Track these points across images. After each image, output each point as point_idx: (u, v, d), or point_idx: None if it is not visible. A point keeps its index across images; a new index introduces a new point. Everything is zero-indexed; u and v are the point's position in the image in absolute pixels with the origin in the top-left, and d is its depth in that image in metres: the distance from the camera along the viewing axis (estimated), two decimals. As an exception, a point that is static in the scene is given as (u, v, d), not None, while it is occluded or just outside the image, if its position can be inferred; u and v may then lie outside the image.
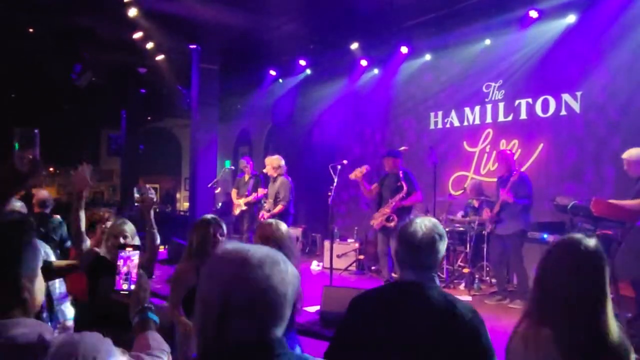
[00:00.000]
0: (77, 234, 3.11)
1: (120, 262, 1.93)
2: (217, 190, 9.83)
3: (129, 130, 14.34)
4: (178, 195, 18.33)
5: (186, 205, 15.34)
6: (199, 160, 10.43)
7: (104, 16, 8.74)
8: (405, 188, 6.86)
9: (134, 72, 11.62)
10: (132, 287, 1.88)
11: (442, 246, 2.09)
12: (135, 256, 1.95)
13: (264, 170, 7.59)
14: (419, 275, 2.06)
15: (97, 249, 3.26)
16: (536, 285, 1.85)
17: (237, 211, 8.20)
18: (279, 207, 7.26)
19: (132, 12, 8.58)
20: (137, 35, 9.40)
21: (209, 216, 3.35)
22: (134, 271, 1.93)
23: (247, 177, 8.44)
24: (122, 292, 1.90)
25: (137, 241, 3.28)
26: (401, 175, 6.92)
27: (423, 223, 2.08)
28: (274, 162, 7.52)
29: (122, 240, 3.20)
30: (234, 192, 8.53)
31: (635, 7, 6.85)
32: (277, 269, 1.26)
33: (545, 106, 7.99)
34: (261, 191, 7.98)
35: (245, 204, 8.11)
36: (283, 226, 2.94)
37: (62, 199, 13.52)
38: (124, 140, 14.40)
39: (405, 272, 2.09)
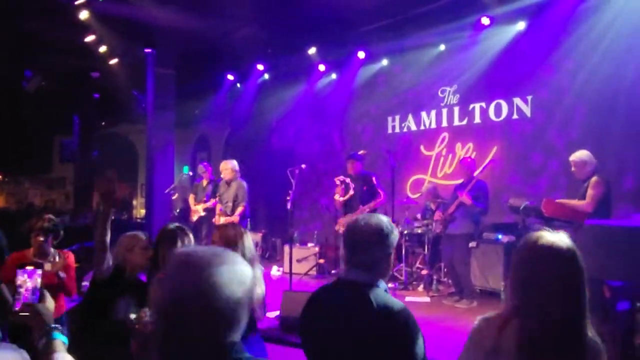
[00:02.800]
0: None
1: (20, 281, 1.78)
2: (175, 196, 9.67)
3: (82, 136, 13.95)
4: (134, 202, 17.94)
5: (143, 212, 15.02)
6: (155, 166, 10.24)
7: (55, 19, 8.48)
8: (381, 194, 6.89)
9: (87, 76, 11.33)
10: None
11: (384, 246, 2.05)
12: (36, 274, 1.81)
13: (222, 175, 7.49)
14: (359, 275, 2.04)
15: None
16: (518, 289, 1.76)
17: (194, 217, 8.11)
18: (240, 209, 7.23)
19: (84, 15, 8.35)
20: (90, 38, 9.17)
21: (172, 225, 3.22)
22: (36, 290, 1.79)
23: (205, 182, 8.34)
24: (22, 312, 1.72)
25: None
26: (374, 180, 6.95)
27: (365, 221, 2.07)
28: (229, 166, 7.48)
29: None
30: (191, 198, 8.43)
31: (580, 15, 7.09)
32: (225, 269, 1.23)
33: (498, 110, 8.17)
34: (213, 200, 7.91)
35: (204, 210, 8.02)
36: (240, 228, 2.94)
37: (11, 207, 13.03)
38: (77, 146, 14.00)
39: (347, 271, 2.08)
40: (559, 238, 1.78)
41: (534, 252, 1.77)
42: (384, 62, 9.74)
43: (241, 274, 1.25)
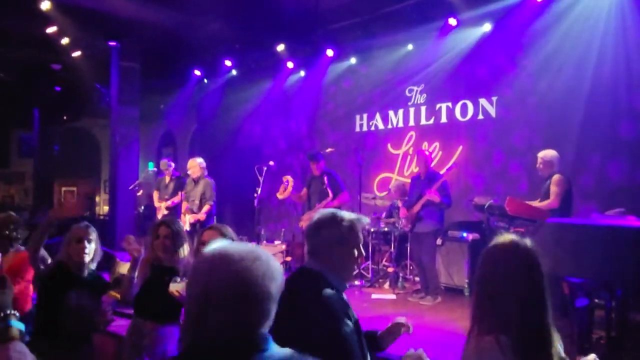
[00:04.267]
0: (32, 252, 3.40)
1: None
2: (139, 193, 9.51)
3: (42, 130, 13.60)
4: (97, 199, 17.58)
5: (106, 209, 14.76)
6: (119, 162, 10.09)
7: (15, 10, 8.23)
8: (330, 194, 6.94)
9: (48, 68, 11.04)
10: None
11: (334, 230, 2.11)
12: None
13: (189, 173, 7.40)
14: (310, 262, 2.13)
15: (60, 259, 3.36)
16: (483, 290, 1.82)
17: (160, 215, 8.02)
18: (207, 207, 7.14)
19: (45, 5, 8.12)
20: (51, 30, 8.93)
21: (82, 225, 3.46)
22: None
23: (167, 179, 8.28)
24: None
25: (97, 245, 3.43)
26: (326, 180, 6.99)
27: (321, 211, 2.19)
28: (196, 164, 7.41)
29: (86, 244, 3.33)
30: (155, 194, 8.35)
31: (544, 17, 7.23)
32: (258, 263, 1.29)
33: (464, 110, 8.26)
34: (176, 198, 7.86)
35: (167, 209, 7.95)
36: (229, 229, 3.13)
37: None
38: (36, 140, 13.64)
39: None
40: (513, 238, 1.85)
41: (492, 255, 1.84)
42: (353, 60, 9.77)
43: (274, 270, 1.32)
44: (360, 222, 2.19)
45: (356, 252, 2.16)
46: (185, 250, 3.39)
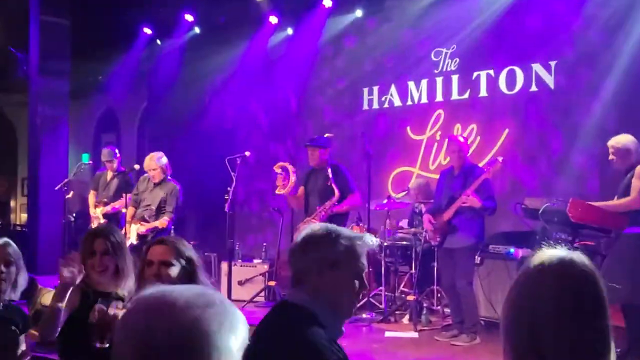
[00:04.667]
0: None
1: None
2: (70, 195, 9.46)
3: None
4: (12, 203, 17.53)
5: (24, 217, 14.69)
6: (42, 153, 10.15)
7: None
8: (337, 193, 6.97)
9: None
10: None
11: (321, 255, 2.20)
12: None
13: (151, 175, 7.46)
14: (294, 295, 2.23)
15: None
16: (518, 325, 1.72)
17: (94, 224, 8.01)
18: (164, 222, 7.29)
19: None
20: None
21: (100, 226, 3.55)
22: None
23: (109, 174, 8.25)
24: None
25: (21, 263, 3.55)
26: (330, 173, 7.01)
27: (311, 227, 2.30)
28: (158, 165, 7.45)
29: (3, 269, 3.44)
30: (91, 195, 8.36)
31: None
32: (212, 311, 1.28)
33: (510, 80, 8.24)
34: (119, 203, 7.91)
35: (105, 216, 8.00)
36: (185, 245, 3.19)
37: None
38: None
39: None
40: (562, 255, 1.74)
41: (533, 279, 1.75)
42: (358, 13, 9.77)
43: (234, 318, 1.32)
44: (364, 242, 2.27)
45: (357, 283, 2.20)
46: (129, 270, 3.38)
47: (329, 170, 7.04)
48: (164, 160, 7.50)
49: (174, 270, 3.02)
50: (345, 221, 7.03)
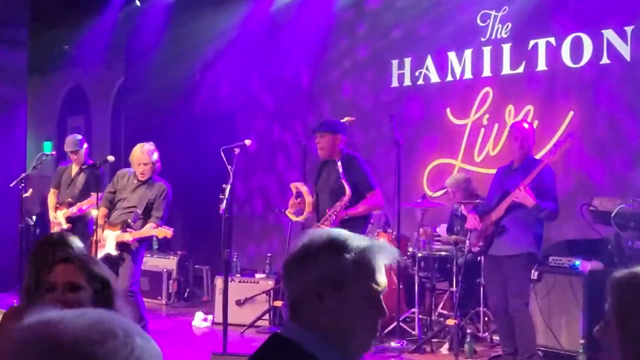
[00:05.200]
0: None
1: None
2: (28, 193, 9.45)
3: None
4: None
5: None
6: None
7: None
8: (347, 191, 6.88)
9: None
10: None
11: (322, 271, 2.07)
12: None
13: (139, 170, 7.44)
14: (287, 326, 2.17)
15: None
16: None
17: (55, 230, 8.03)
18: (152, 229, 7.35)
19: None
20: None
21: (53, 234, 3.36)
22: None
23: (74, 168, 8.29)
24: None
25: None
26: (340, 166, 6.96)
27: (309, 234, 2.20)
28: (150, 160, 7.43)
29: None
30: (52, 195, 8.40)
31: None
32: (111, 347, 1.21)
33: (576, 50, 8.19)
34: (88, 202, 7.93)
35: (68, 220, 8.01)
36: (96, 262, 3.11)
37: None
38: None
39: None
40: None
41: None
42: (387, -34, 9.73)
43: (142, 356, 1.26)
44: (381, 252, 2.12)
45: (370, 307, 2.06)
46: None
47: (340, 164, 6.99)
48: (156, 154, 7.52)
49: (84, 296, 2.89)
50: (364, 227, 7.00)
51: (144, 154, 7.42)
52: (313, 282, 2.05)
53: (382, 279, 2.06)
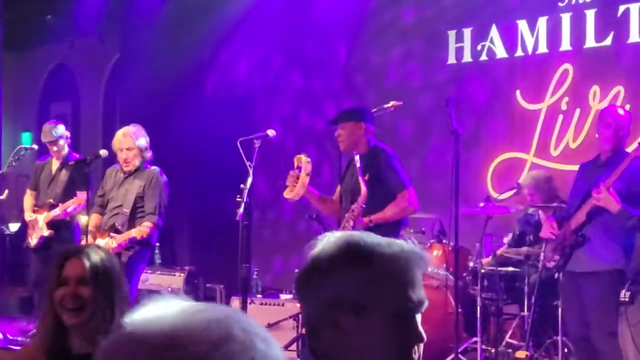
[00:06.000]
0: None
1: None
2: (3, 195, 9.62)
3: None
4: None
5: None
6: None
7: None
8: (363, 190, 6.79)
9: None
10: None
11: (337, 284, 1.99)
12: None
13: (122, 158, 7.53)
14: (303, 356, 2.13)
15: None
16: None
17: (33, 240, 8.23)
18: (144, 230, 7.39)
19: None
20: None
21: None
22: None
23: (54, 163, 8.43)
24: None
25: None
26: (357, 161, 6.92)
27: (325, 239, 2.10)
28: (136, 144, 7.53)
29: None
30: (28, 196, 8.55)
31: None
32: (229, 349, 1.26)
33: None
34: (74, 202, 8.05)
35: (50, 225, 8.16)
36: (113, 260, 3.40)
37: None
38: None
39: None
40: None
41: None
42: None
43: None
44: (413, 259, 2.04)
45: (402, 332, 2.00)
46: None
47: (357, 158, 6.94)
48: (145, 138, 7.54)
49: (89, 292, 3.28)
50: (394, 236, 6.72)
51: (126, 137, 7.49)
52: (327, 304, 1.97)
53: (416, 294, 1.99)
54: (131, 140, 7.47)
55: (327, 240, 2.06)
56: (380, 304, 1.98)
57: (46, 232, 8.17)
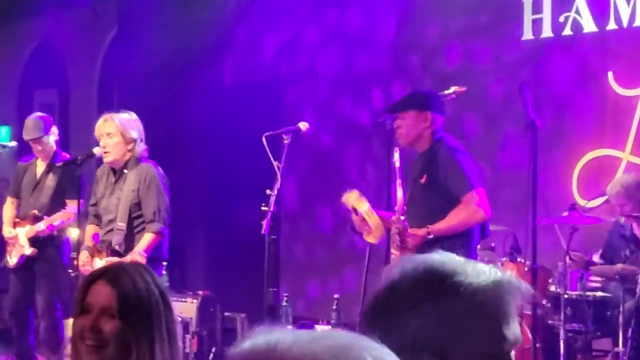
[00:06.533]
0: None
1: None
2: None
3: None
4: None
5: None
6: None
7: None
8: (399, 195, 6.81)
9: None
10: None
11: (409, 328, 1.97)
12: None
13: (103, 148, 7.53)
14: None
15: None
16: None
17: (13, 259, 8.32)
18: (150, 238, 7.46)
19: None
20: None
21: None
22: None
23: (40, 165, 8.54)
24: None
25: None
26: (397, 156, 6.95)
27: (397, 268, 2.08)
28: (120, 129, 7.49)
29: None
30: (9, 205, 8.66)
31: None
32: None
33: None
34: (62, 216, 8.09)
35: (33, 242, 8.22)
36: (152, 276, 3.30)
37: None
38: None
39: None
40: None
41: None
42: None
43: None
44: (509, 289, 2.01)
45: None
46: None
47: (396, 156, 7.00)
48: (137, 130, 7.56)
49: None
50: (464, 251, 6.68)
51: (107, 121, 7.51)
52: (402, 347, 1.92)
53: (512, 331, 1.95)
54: (113, 125, 7.48)
55: (403, 267, 2.04)
56: (469, 345, 1.96)
57: (28, 251, 8.24)
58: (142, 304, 3.26)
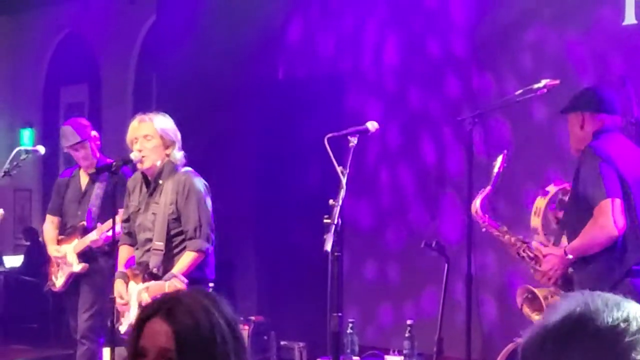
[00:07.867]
0: None
1: None
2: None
3: None
4: None
5: None
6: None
7: None
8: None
9: None
10: None
11: None
12: None
13: (138, 151, 7.57)
14: None
15: None
16: None
17: (59, 280, 8.42)
18: (192, 256, 7.54)
19: None
20: None
21: None
22: None
23: (83, 176, 8.63)
24: None
25: None
26: (498, 162, 7.21)
27: (562, 303, 2.14)
28: (159, 133, 7.59)
29: None
30: (49, 224, 8.70)
31: None
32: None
33: None
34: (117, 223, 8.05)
35: (83, 258, 8.33)
36: (223, 308, 3.15)
37: None
38: None
39: None
40: None
41: None
42: None
43: None
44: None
45: None
46: None
47: (499, 159, 7.23)
48: (175, 131, 7.65)
49: None
50: (603, 277, 6.65)
51: (143, 121, 7.63)
52: None
53: None
54: (151, 126, 7.58)
55: (561, 302, 2.15)
56: None
57: (78, 267, 8.38)
58: (205, 341, 3.13)
